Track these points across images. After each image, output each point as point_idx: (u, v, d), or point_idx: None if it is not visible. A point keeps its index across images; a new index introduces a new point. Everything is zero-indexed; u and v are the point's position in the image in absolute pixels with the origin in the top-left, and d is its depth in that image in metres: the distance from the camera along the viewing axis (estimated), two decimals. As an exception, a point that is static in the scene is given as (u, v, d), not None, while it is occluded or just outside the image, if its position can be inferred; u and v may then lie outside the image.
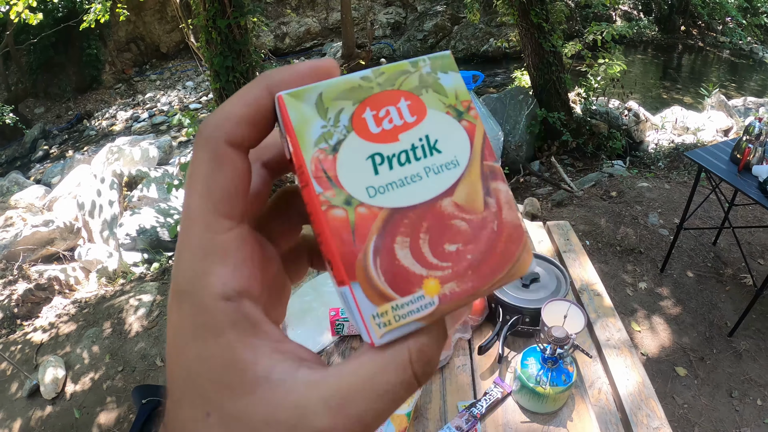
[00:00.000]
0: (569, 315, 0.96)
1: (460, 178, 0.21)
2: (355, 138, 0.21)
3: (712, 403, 2.37)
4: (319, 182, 0.20)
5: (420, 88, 0.22)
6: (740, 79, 9.61)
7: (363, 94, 0.22)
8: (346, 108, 0.21)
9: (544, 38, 5.04)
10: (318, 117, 0.21)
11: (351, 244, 0.20)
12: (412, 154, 0.21)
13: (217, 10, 3.92)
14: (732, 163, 2.58)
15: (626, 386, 1.65)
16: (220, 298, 0.19)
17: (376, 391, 0.19)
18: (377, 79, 0.22)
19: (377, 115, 0.21)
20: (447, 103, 0.22)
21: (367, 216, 0.20)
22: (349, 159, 0.21)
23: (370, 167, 0.21)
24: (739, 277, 3.06)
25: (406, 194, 0.21)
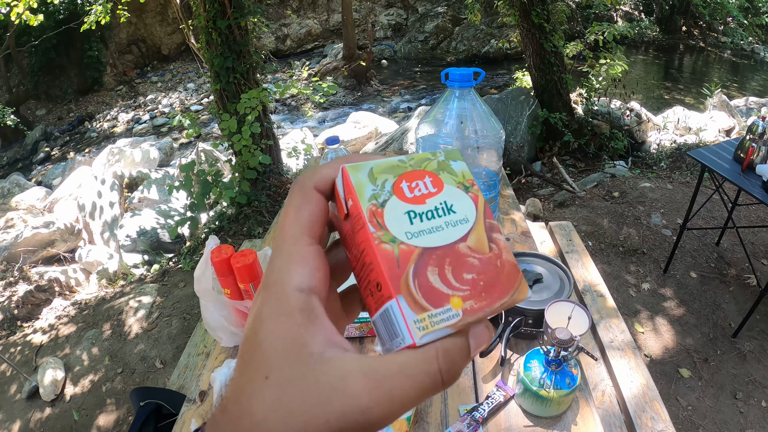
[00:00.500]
0: (573, 316, 0.95)
1: (471, 229, 0.30)
2: (395, 200, 0.29)
3: (716, 404, 2.34)
4: (373, 225, 0.28)
5: (438, 170, 0.31)
6: (742, 79, 9.59)
7: (400, 171, 0.30)
8: (389, 179, 0.30)
9: (545, 39, 5.02)
10: (370, 183, 0.29)
11: (396, 268, 0.27)
12: (436, 213, 0.29)
13: (218, 11, 3.91)
14: (735, 162, 2.56)
15: (630, 388, 1.63)
16: (296, 289, 0.26)
17: (407, 374, 0.24)
18: (409, 162, 0.31)
19: (410, 185, 0.30)
20: (458, 180, 0.31)
21: (406, 251, 0.28)
22: (392, 212, 0.29)
23: (407, 219, 0.29)
24: (743, 277, 3.04)
25: (434, 238, 0.28)
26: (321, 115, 8.93)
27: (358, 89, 9.89)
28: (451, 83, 1.15)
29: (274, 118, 8.01)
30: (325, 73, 10.10)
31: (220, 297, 1.07)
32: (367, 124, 6.79)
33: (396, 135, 5.64)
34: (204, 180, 3.60)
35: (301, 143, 5.56)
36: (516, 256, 1.21)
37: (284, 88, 4.19)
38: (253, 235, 3.85)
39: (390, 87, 10.16)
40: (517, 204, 1.72)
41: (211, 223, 4.32)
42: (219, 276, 1.06)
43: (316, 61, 11.48)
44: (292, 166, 5.15)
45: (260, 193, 4.25)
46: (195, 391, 1.12)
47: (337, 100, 9.43)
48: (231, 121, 3.69)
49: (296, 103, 9.41)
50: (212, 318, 1.10)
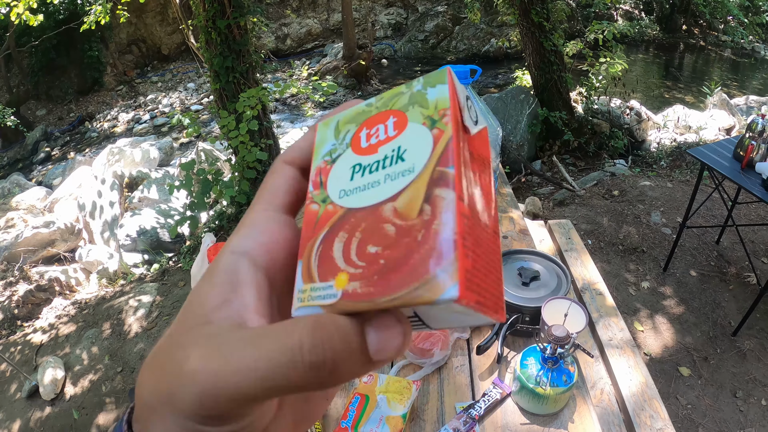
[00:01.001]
0: (570, 313, 0.94)
1: (409, 184, 0.22)
2: (349, 152, 0.25)
3: (716, 403, 2.34)
4: (314, 185, 0.25)
5: (408, 105, 0.24)
6: (742, 77, 9.58)
7: (364, 117, 0.26)
8: (351, 129, 0.26)
9: (545, 37, 5.02)
10: (333, 137, 0.26)
11: (311, 231, 0.24)
12: (382, 164, 0.23)
13: (217, 11, 3.91)
14: (735, 160, 2.56)
15: (629, 387, 1.63)
16: (230, 251, 0.24)
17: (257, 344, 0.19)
18: (377, 103, 0.26)
19: (369, 132, 0.25)
20: (426, 114, 0.23)
21: (330, 212, 0.24)
22: (339, 168, 0.25)
23: (349, 174, 0.24)
24: (743, 275, 3.04)
25: (363, 197, 0.23)
26: (321, 114, 8.92)
27: (359, 88, 9.89)
28: (448, 81, 1.14)
29: (274, 118, 8.01)
30: (325, 72, 10.10)
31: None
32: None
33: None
34: (204, 179, 3.60)
35: (300, 143, 5.56)
36: (513, 253, 1.21)
37: (284, 88, 4.19)
38: (253, 235, 3.85)
39: (390, 86, 10.14)
40: (516, 202, 1.71)
41: (210, 222, 4.32)
42: (216, 274, 1.05)
43: (316, 61, 11.48)
44: (291, 165, 5.15)
45: (260, 193, 4.25)
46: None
47: (338, 100, 9.43)
48: (230, 118, 3.69)
49: (296, 103, 9.42)
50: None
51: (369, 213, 0.22)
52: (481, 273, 0.21)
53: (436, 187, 0.21)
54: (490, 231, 0.23)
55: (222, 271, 0.23)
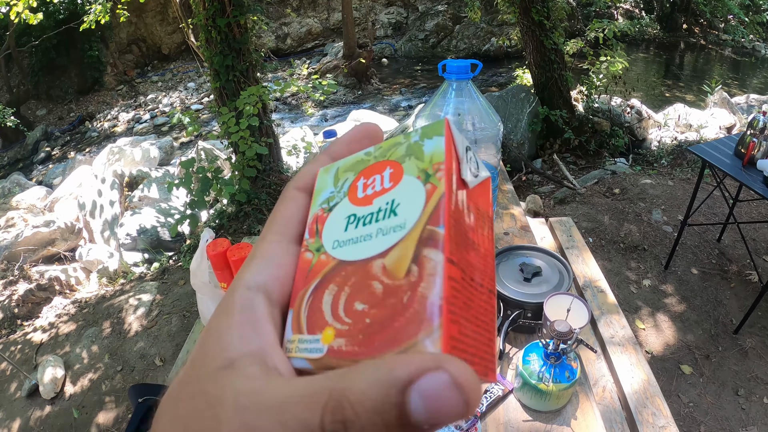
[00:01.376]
0: (572, 309, 0.94)
1: (399, 241, 0.21)
2: (346, 202, 0.25)
3: (717, 401, 2.33)
4: (310, 232, 0.25)
5: (405, 156, 0.24)
6: (743, 76, 9.57)
7: (362, 166, 0.25)
8: (349, 178, 0.25)
9: (545, 36, 5.01)
10: (332, 185, 0.26)
11: (304, 281, 0.24)
12: (376, 216, 0.23)
13: (217, 9, 3.90)
14: (736, 157, 2.55)
15: (631, 384, 1.63)
16: (244, 286, 0.23)
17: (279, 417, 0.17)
18: (375, 153, 0.25)
19: (366, 183, 0.25)
20: (421, 167, 0.23)
21: (323, 262, 0.23)
22: (335, 217, 0.25)
23: (344, 225, 0.24)
24: (745, 273, 3.03)
25: (355, 250, 0.23)
26: (321, 113, 8.92)
27: (359, 88, 9.88)
28: (449, 75, 1.14)
29: (274, 117, 8.00)
30: (325, 71, 10.09)
31: (216, 290, 1.06)
32: (367, 122, 6.77)
33: (396, 132, 5.63)
34: (204, 177, 3.60)
35: (301, 141, 5.56)
36: (514, 249, 1.20)
37: (285, 86, 4.18)
38: (253, 233, 3.84)
39: (390, 85, 10.15)
40: (517, 199, 1.71)
41: (211, 221, 4.32)
42: (216, 270, 1.05)
43: (317, 60, 11.47)
44: (292, 164, 5.15)
45: (260, 191, 4.24)
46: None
47: (338, 99, 9.43)
48: (230, 114, 3.68)
49: (296, 102, 9.41)
50: (209, 312, 1.10)
51: (359, 267, 0.22)
52: (469, 337, 0.20)
53: (425, 246, 0.20)
54: (485, 290, 0.23)
55: (238, 308, 0.22)
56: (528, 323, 1.05)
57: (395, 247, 0.21)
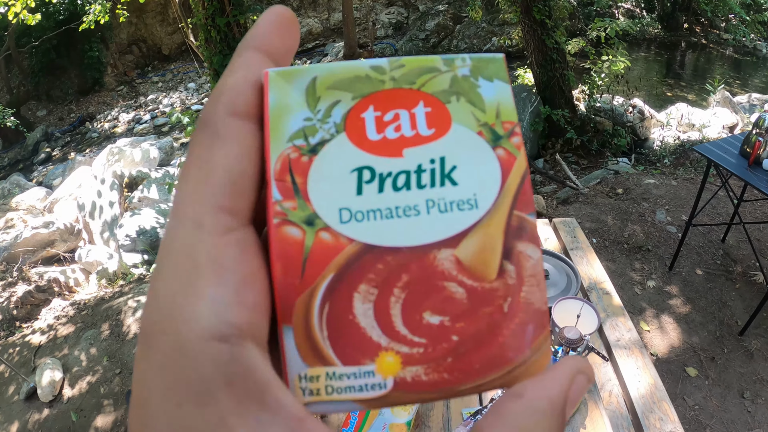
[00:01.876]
0: (582, 314, 0.91)
1: (474, 225, 0.16)
2: (344, 141, 0.16)
3: (723, 404, 2.31)
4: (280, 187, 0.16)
5: (449, 94, 0.17)
6: (744, 75, 9.54)
7: (368, 88, 0.17)
8: (343, 101, 0.17)
9: (547, 35, 4.98)
10: (305, 106, 0.16)
11: (297, 276, 0.15)
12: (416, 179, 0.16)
13: (217, 9, 3.88)
14: (742, 157, 2.52)
15: (638, 388, 1.59)
16: (210, 337, 0.13)
17: None
18: (392, 72, 0.17)
19: (381, 117, 0.17)
20: (483, 120, 0.17)
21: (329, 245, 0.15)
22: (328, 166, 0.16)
23: (354, 183, 0.16)
24: (750, 274, 3.00)
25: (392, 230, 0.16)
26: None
27: (359, 88, 9.87)
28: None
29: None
30: (325, 71, 10.08)
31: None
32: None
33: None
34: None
35: (301, 142, 5.54)
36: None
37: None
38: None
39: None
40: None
41: (211, 222, 4.30)
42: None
43: (317, 60, 11.46)
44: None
45: (260, 192, 4.22)
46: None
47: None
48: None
49: (297, 102, 9.39)
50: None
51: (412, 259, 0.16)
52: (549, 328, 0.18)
53: (518, 239, 0.16)
54: None
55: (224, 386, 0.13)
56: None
57: (471, 234, 0.16)
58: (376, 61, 0.17)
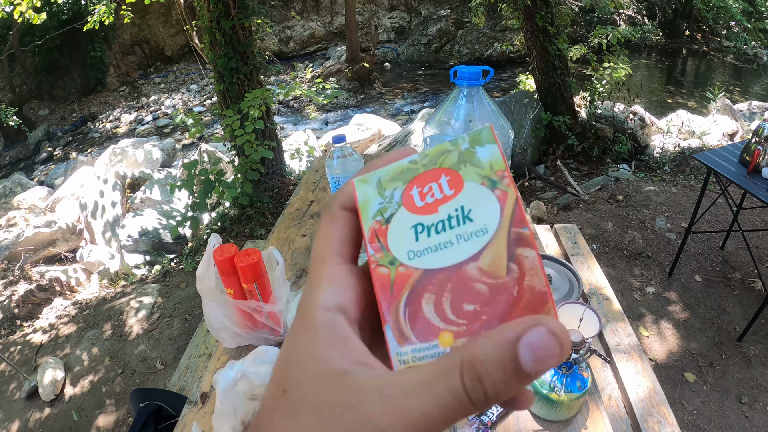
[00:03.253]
0: (584, 318, 0.93)
1: (487, 244, 0.24)
2: (403, 211, 0.25)
3: (721, 409, 2.32)
4: (373, 247, 0.25)
5: (459, 164, 0.25)
6: (745, 83, 9.58)
7: (411, 175, 0.26)
8: (398, 187, 0.26)
9: (549, 42, 5.01)
10: (378, 196, 0.26)
11: (389, 294, 0.24)
12: (448, 224, 0.24)
13: (222, 12, 3.91)
14: (741, 165, 2.54)
15: (637, 392, 1.61)
16: (322, 308, 0.24)
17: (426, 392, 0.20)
18: (422, 161, 0.26)
19: (422, 191, 0.25)
20: (483, 174, 0.25)
21: (405, 274, 0.24)
22: (397, 228, 0.25)
23: (413, 235, 0.25)
24: (748, 281, 3.02)
25: (438, 258, 0.24)
26: (324, 117, 8.93)
27: (361, 92, 9.89)
28: (460, 81, 1.13)
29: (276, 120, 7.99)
30: (328, 75, 10.10)
31: (223, 296, 1.05)
32: (370, 126, 6.77)
33: (399, 137, 5.62)
34: (206, 179, 3.59)
35: (304, 145, 5.56)
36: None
37: (288, 90, 4.18)
38: (256, 237, 3.83)
39: (393, 90, 10.16)
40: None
41: (213, 223, 4.31)
42: (222, 275, 1.04)
43: (319, 64, 11.49)
44: (294, 167, 5.14)
45: (263, 195, 4.24)
46: (196, 393, 1.10)
47: (340, 103, 9.43)
48: (234, 117, 3.67)
49: (299, 105, 9.42)
50: (215, 318, 1.09)
51: (452, 273, 0.24)
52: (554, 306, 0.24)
53: (518, 247, 0.23)
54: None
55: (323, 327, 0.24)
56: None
57: (486, 250, 0.24)
58: (412, 156, 0.26)
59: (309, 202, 1.85)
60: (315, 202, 1.84)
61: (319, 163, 2.20)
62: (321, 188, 1.94)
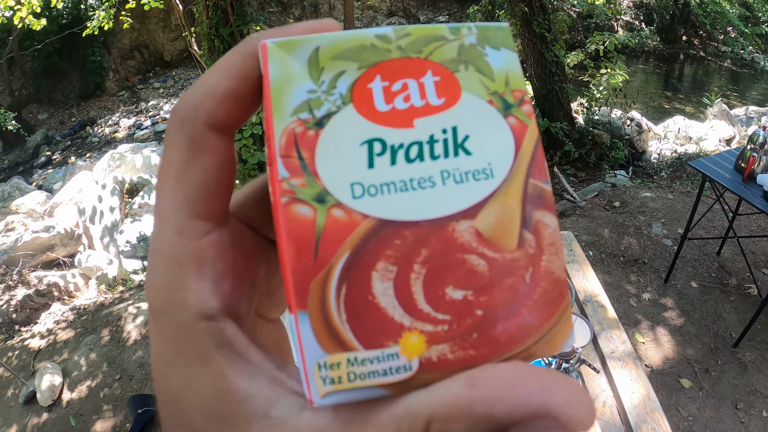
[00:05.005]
0: (575, 328, 0.94)
1: (491, 195, 0.16)
2: (352, 113, 0.16)
3: (717, 415, 2.33)
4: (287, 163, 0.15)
5: (457, 63, 0.17)
6: (742, 88, 9.62)
7: (375, 58, 0.16)
8: (349, 72, 0.16)
9: (546, 48, 5.04)
10: (308, 77, 0.16)
11: (311, 257, 0.15)
12: (428, 149, 0.16)
13: (220, 19, 3.92)
14: (736, 172, 2.56)
15: (631, 399, 1.62)
16: (200, 317, 0.16)
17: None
18: (399, 41, 0.17)
19: (389, 87, 0.16)
20: (492, 88, 0.17)
21: (343, 223, 0.15)
22: (336, 140, 0.16)
23: (364, 156, 0.16)
24: (744, 287, 3.03)
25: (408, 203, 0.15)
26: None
27: (360, 96, 9.93)
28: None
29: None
30: (326, 79, 10.14)
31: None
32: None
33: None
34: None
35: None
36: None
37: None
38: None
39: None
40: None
41: (211, 228, 4.32)
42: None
43: (318, 68, 11.52)
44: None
45: (261, 200, 4.25)
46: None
47: (339, 107, 9.46)
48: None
49: (297, 110, 9.44)
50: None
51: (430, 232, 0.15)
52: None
53: (536, 208, 0.16)
54: None
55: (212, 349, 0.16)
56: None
57: (488, 204, 0.16)
58: (382, 29, 0.17)
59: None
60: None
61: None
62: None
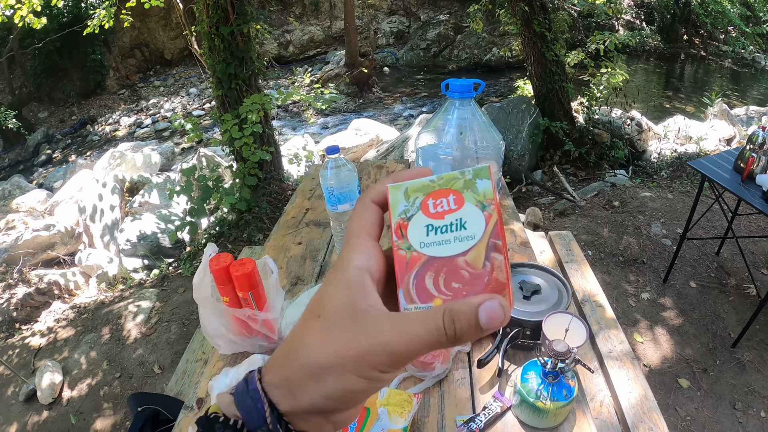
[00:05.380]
0: (571, 328, 0.95)
1: (472, 246, 0.33)
2: (420, 215, 0.35)
3: (715, 415, 2.34)
4: (397, 236, 0.35)
5: (463, 188, 0.35)
6: (742, 88, 9.62)
7: (429, 189, 0.35)
8: (419, 197, 0.35)
9: (546, 47, 5.04)
10: (404, 200, 0.35)
11: (404, 269, 0.34)
12: (450, 228, 0.34)
13: (221, 17, 3.93)
14: (735, 172, 2.56)
15: (628, 399, 1.63)
16: (355, 266, 0.33)
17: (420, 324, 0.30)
18: (438, 181, 0.35)
19: (435, 202, 0.35)
20: (478, 199, 0.34)
21: (416, 257, 0.34)
22: (415, 225, 0.35)
23: (425, 231, 0.34)
24: (743, 287, 3.04)
25: (440, 249, 0.34)
26: (322, 121, 8.95)
27: (360, 96, 9.92)
28: (452, 94, 1.15)
29: (275, 124, 8.01)
30: (327, 80, 10.13)
31: (218, 305, 1.07)
32: (368, 131, 6.79)
33: (397, 143, 5.64)
34: (204, 185, 3.61)
35: (302, 150, 5.57)
36: (513, 267, 1.21)
37: (287, 95, 4.20)
38: (253, 242, 3.85)
39: (392, 94, 10.19)
40: (517, 214, 1.72)
41: (211, 228, 4.33)
42: (218, 284, 1.06)
43: (319, 68, 11.52)
44: (293, 172, 5.16)
45: (261, 200, 4.25)
46: (192, 398, 1.12)
47: (339, 107, 9.46)
48: (233, 121, 3.69)
49: (297, 110, 9.44)
50: (211, 325, 1.10)
51: (447, 261, 0.34)
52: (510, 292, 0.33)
53: (492, 251, 0.33)
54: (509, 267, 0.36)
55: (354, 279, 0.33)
56: (527, 342, 1.06)
57: (471, 250, 0.33)
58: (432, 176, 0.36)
59: (305, 210, 1.87)
60: (311, 210, 1.86)
61: (315, 171, 2.22)
62: (317, 196, 1.96)
